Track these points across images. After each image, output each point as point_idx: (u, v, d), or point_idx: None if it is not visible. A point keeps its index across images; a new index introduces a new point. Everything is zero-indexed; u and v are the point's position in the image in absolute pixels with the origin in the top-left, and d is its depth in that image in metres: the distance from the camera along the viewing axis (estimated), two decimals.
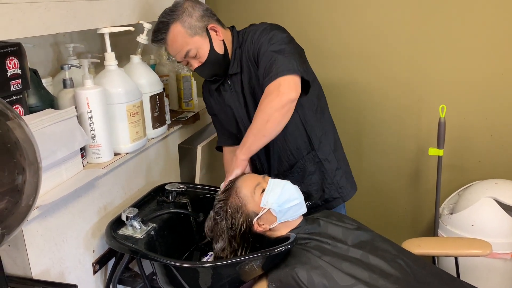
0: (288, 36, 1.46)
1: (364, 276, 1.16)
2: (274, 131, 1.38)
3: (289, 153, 1.58)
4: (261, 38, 1.44)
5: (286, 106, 1.34)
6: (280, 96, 1.33)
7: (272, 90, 1.35)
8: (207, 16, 1.48)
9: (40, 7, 1.18)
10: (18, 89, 1.17)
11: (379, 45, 2.15)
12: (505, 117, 2.05)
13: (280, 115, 1.35)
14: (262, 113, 1.35)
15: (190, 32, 1.45)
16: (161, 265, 1.23)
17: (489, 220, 1.89)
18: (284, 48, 1.40)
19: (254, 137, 1.39)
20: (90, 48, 1.73)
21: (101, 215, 1.40)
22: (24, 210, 0.92)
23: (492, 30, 1.97)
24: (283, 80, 1.34)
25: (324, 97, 1.64)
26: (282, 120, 1.36)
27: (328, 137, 1.61)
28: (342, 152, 1.68)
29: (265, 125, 1.36)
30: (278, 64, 1.37)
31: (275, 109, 1.33)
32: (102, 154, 1.39)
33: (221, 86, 1.59)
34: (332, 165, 1.59)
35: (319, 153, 1.57)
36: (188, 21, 1.44)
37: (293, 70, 1.36)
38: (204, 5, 1.50)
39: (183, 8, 1.45)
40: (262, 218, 1.30)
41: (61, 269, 1.25)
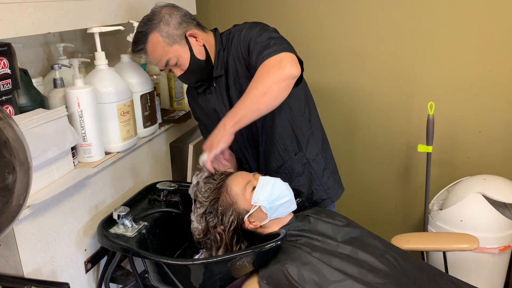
0: (276, 30, 1.44)
1: (353, 272, 1.17)
2: (270, 106, 1.31)
3: (277, 154, 1.57)
4: (250, 32, 1.41)
5: (287, 81, 1.28)
6: (282, 69, 1.27)
7: (274, 63, 1.29)
8: (186, 22, 1.45)
9: (29, 7, 1.18)
10: (8, 89, 1.17)
11: (368, 43, 2.17)
12: (493, 113, 2.08)
13: (278, 89, 1.28)
14: (260, 84, 1.28)
15: (168, 41, 1.42)
16: (153, 263, 1.24)
17: (477, 215, 1.91)
18: (276, 36, 1.39)
19: (247, 110, 1.30)
20: (80, 48, 1.73)
21: (92, 214, 1.41)
22: (15, 209, 0.93)
23: (479, 28, 2.00)
24: (285, 56, 1.30)
25: (311, 97, 1.63)
26: (280, 95, 1.30)
27: (315, 137, 1.59)
28: (329, 152, 1.67)
29: (262, 97, 1.28)
30: (275, 44, 1.33)
31: (275, 81, 1.27)
32: (93, 153, 1.39)
33: (206, 89, 1.57)
34: (320, 165, 1.59)
35: (307, 154, 1.56)
36: (166, 30, 1.41)
37: (290, 50, 1.33)
38: (182, 11, 1.47)
39: (160, 17, 1.42)
40: (253, 215, 1.31)
41: (53, 268, 1.25)
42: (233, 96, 1.51)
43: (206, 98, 1.58)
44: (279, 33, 1.44)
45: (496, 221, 1.90)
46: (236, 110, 1.33)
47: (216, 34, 1.53)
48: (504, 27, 1.97)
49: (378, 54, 2.17)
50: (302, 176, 1.58)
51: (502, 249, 1.91)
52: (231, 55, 1.47)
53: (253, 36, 1.40)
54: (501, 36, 1.98)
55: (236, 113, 1.32)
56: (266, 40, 1.36)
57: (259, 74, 1.31)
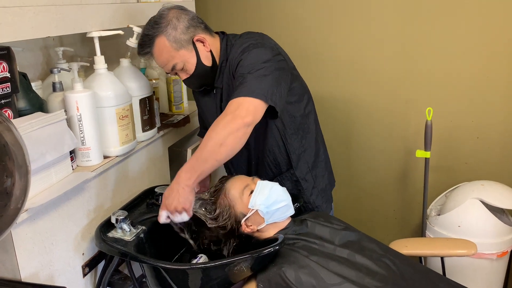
0: (270, 53, 1.37)
1: (351, 275, 1.18)
2: (228, 156, 1.28)
3: (268, 169, 1.57)
4: (241, 55, 1.38)
5: (241, 130, 1.25)
6: (235, 119, 1.24)
7: (229, 111, 1.27)
8: (193, 26, 1.43)
9: (29, 11, 1.18)
10: (7, 92, 1.18)
11: (366, 49, 2.18)
12: (491, 119, 2.09)
13: (234, 140, 1.25)
14: (215, 134, 1.25)
15: (176, 46, 1.40)
16: (151, 267, 1.24)
17: (475, 221, 1.92)
18: (257, 69, 1.32)
19: (205, 163, 1.26)
20: (80, 52, 1.73)
21: (90, 217, 1.41)
22: (13, 213, 0.92)
23: (478, 34, 2.01)
24: (243, 102, 1.27)
25: (313, 113, 1.59)
26: (237, 144, 1.27)
27: (307, 155, 1.57)
28: (322, 168, 1.62)
29: (219, 149, 1.25)
30: (244, 85, 1.30)
31: (228, 133, 1.24)
32: (91, 157, 1.39)
33: (206, 94, 1.58)
34: (309, 184, 1.57)
35: (296, 172, 1.55)
36: (173, 35, 1.39)
37: (257, 94, 1.27)
38: (190, 14, 1.45)
39: (167, 20, 1.40)
40: (250, 219, 1.31)
41: (51, 272, 1.25)
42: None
43: (202, 99, 1.61)
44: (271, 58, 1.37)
45: (494, 227, 1.90)
46: (193, 163, 1.29)
47: (223, 40, 1.50)
48: (502, 34, 1.98)
49: (376, 60, 2.18)
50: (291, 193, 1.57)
51: (500, 255, 1.91)
52: (227, 68, 1.46)
53: (241, 65, 1.37)
54: (499, 43, 1.99)
55: (196, 168, 1.28)
56: (245, 74, 1.32)
57: (217, 121, 1.28)
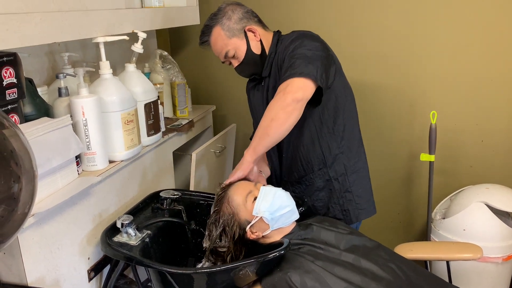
0: (317, 45, 1.45)
1: (356, 280, 1.17)
2: (279, 131, 1.35)
3: (299, 165, 1.58)
4: (290, 45, 1.46)
5: (291, 105, 1.31)
6: (285, 94, 1.32)
7: (280, 89, 1.36)
8: (246, 18, 1.55)
9: (35, 17, 1.19)
10: (14, 98, 1.19)
11: (371, 52, 2.18)
12: (495, 122, 2.08)
13: (285, 114, 1.32)
14: (268, 111, 1.36)
15: (229, 34, 1.53)
16: (156, 272, 1.24)
17: (480, 224, 1.91)
18: (306, 53, 1.40)
19: (260, 137, 1.37)
20: (85, 57, 1.74)
21: (96, 222, 1.41)
22: (20, 218, 0.93)
23: (482, 37, 2.01)
24: (292, 81, 1.34)
25: (352, 115, 1.61)
26: (287, 120, 1.33)
27: (344, 158, 1.56)
28: (360, 176, 1.61)
29: (270, 124, 1.34)
30: (294, 66, 1.37)
31: (279, 108, 1.32)
32: (97, 161, 1.40)
33: (256, 85, 1.65)
34: (342, 186, 1.56)
35: (330, 171, 1.55)
36: (227, 24, 1.53)
37: (306, 74, 1.34)
38: (244, 8, 1.58)
39: (224, 12, 1.54)
40: (254, 226, 1.31)
41: (56, 276, 1.25)
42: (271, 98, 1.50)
43: (253, 94, 1.69)
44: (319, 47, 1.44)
45: (499, 231, 1.89)
46: (253, 139, 1.42)
47: (275, 36, 1.59)
48: (507, 37, 1.97)
49: (380, 63, 2.18)
50: (322, 192, 1.58)
51: (506, 258, 1.90)
52: (275, 59, 1.54)
53: (289, 51, 1.45)
54: (503, 46, 1.99)
55: (252, 142, 1.41)
56: (294, 58, 1.40)
57: (270, 102, 1.38)
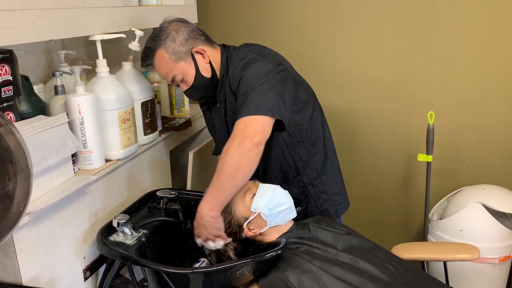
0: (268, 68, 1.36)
1: (353, 280, 1.17)
2: (245, 179, 1.30)
3: (273, 178, 1.58)
4: (243, 74, 1.37)
5: (252, 151, 1.26)
6: (243, 140, 1.25)
7: (237, 133, 1.27)
8: (193, 38, 1.44)
9: (32, 14, 1.18)
10: (10, 95, 1.18)
11: (368, 52, 2.18)
12: (493, 123, 2.09)
13: (248, 162, 1.27)
14: (230, 160, 1.26)
15: (174, 57, 1.42)
16: (152, 271, 1.24)
17: (477, 225, 1.91)
18: (260, 84, 1.32)
19: (227, 190, 1.29)
20: (82, 55, 1.73)
21: (92, 221, 1.40)
22: (15, 217, 0.92)
23: (479, 38, 2.01)
24: (248, 122, 1.27)
25: (320, 118, 1.59)
26: (252, 166, 1.28)
27: (315, 161, 1.56)
28: (333, 174, 1.61)
29: (236, 174, 1.27)
30: (248, 102, 1.30)
31: (240, 156, 1.25)
32: (93, 160, 1.39)
33: (211, 107, 1.60)
34: (317, 189, 1.58)
35: (304, 178, 1.56)
36: (172, 47, 1.41)
37: (262, 110, 1.27)
38: (190, 26, 1.46)
39: (167, 33, 1.42)
40: (252, 222, 1.31)
41: (52, 276, 1.25)
42: (229, 124, 1.52)
43: (209, 117, 1.65)
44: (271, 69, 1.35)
45: (496, 231, 1.89)
46: (215, 194, 1.30)
47: (223, 53, 1.49)
48: (504, 37, 1.98)
49: (378, 64, 2.18)
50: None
51: (502, 259, 1.90)
52: (228, 84, 1.46)
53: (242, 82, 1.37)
54: (501, 46, 1.99)
55: (217, 198, 1.30)
56: (247, 92, 1.32)
57: (227, 147, 1.28)
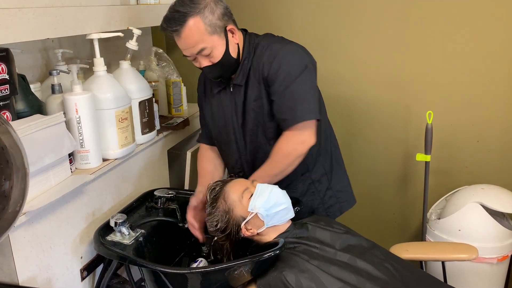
0: (300, 60, 1.43)
1: (351, 280, 1.17)
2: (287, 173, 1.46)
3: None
4: (274, 63, 1.40)
5: (304, 152, 1.42)
6: (303, 144, 1.40)
7: (295, 135, 1.40)
8: (227, 15, 1.40)
9: (28, 13, 1.17)
10: (6, 94, 1.17)
11: (366, 52, 2.17)
12: (491, 123, 2.08)
13: (299, 159, 1.43)
14: (286, 158, 1.42)
15: (210, 29, 1.34)
16: (150, 271, 1.23)
17: (475, 225, 1.91)
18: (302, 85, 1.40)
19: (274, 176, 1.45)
20: (79, 54, 1.73)
21: (89, 221, 1.40)
22: (11, 216, 0.92)
23: (478, 37, 2.01)
24: (305, 126, 1.39)
25: (325, 115, 1.62)
26: (299, 161, 1.44)
27: (323, 158, 1.59)
28: (338, 172, 1.66)
29: (287, 169, 1.44)
30: (299, 106, 1.39)
31: (297, 156, 1.42)
32: (90, 159, 1.38)
33: (222, 91, 1.53)
34: (323, 186, 1.60)
35: (312, 174, 1.57)
36: (210, 18, 1.34)
37: (314, 114, 1.40)
38: (224, 4, 1.41)
39: (206, 3, 1.34)
40: (249, 222, 1.30)
41: (48, 276, 1.24)
42: (252, 109, 1.48)
43: (220, 100, 1.54)
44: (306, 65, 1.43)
45: (494, 231, 1.89)
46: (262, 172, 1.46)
47: (246, 38, 1.48)
48: (502, 36, 1.97)
49: (376, 63, 2.17)
50: (305, 196, 1.58)
51: (500, 259, 1.90)
52: (254, 70, 1.45)
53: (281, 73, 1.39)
54: (499, 46, 1.99)
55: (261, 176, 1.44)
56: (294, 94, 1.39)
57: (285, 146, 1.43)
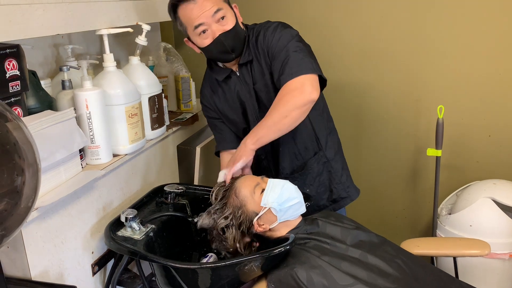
0: (298, 35, 1.46)
1: (363, 276, 1.16)
2: (289, 128, 1.38)
3: (297, 153, 1.58)
4: (275, 35, 1.43)
5: (307, 105, 1.35)
6: (303, 94, 1.33)
7: (295, 87, 1.35)
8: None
9: (39, 9, 1.18)
10: (17, 90, 1.17)
11: (377, 45, 2.16)
12: (503, 117, 2.06)
13: (299, 113, 1.35)
14: (282, 107, 1.35)
15: None
16: (160, 266, 1.23)
17: (487, 220, 1.89)
18: (300, 47, 1.40)
19: (268, 130, 1.38)
20: (89, 50, 1.73)
21: (100, 216, 1.40)
22: (23, 212, 0.92)
23: (490, 31, 1.98)
24: (306, 79, 1.35)
25: (324, 98, 1.65)
26: (300, 118, 1.37)
27: (333, 137, 1.63)
28: (343, 154, 1.70)
29: (282, 120, 1.35)
30: (298, 61, 1.37)
31: (296, 107, 1.34)
32: (101, 155, 1.39)
33: (228, 79, 1.55)
34: (338, 164, 1.62)
35: (326, 153, 1.59)
36: None
37: (314, 70, 1.37)
38: None
39: None
40: (262, 218, 1.30)
41: (60, 271, 1.25)
42: (259, 91, 1.51)
43: (228, 86, 1.56)
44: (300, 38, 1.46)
45: (506, 226, 1.87)
46: (258, 130, 1.40)
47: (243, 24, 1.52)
48: None
49: (387, 57, 2.16)
50: (322, 176, 1.59)
51: None
52: (256, 49, 1.48)
53: (278, 40, 1.42)
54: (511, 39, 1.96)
55: (257, 132, 1.39)
56: (292, 52, 1.38)
57: (281, 96, 1.36)
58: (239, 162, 1.40)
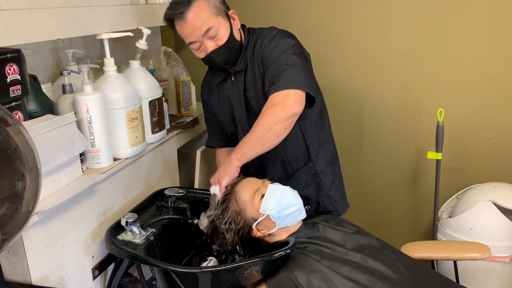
0: (297, 45, 1.45)
1: (363, 280, 1.16)
2: (273, 142, 1.37)
3: (287, 163, 1.58)
4: (271, 44, 1.43)
5: (289, 119, 1.34)
6: (285, 108, 1.33)
7: (278, 100, 1.34)
8: (226, 3, 1.46)
9: (39, 13, 1.18)
10: (18, 95, 1.18)
11: (378, 48, 2.16)
12: (503, 120, 2.06)
13: (282, 127, 1.34)
14: (264, 122, 1.34)
15: (215, 10, 1.40)
16: (161, 270, 1.23)
17: (488, 223, 1.89)
18: (294, 60, 1.39)
19: (252, 145, 1.37)
20: (89, 54, 1.73)
21: (100, 220, 1.40)
22: (24, 216, 0.92)
23: (490, 34, 1.98)
24: (290, 93, 1.34)
25: (326, 110, 1.64)
26: (283, 132, 1.36)
27: (325, 150, 1.61)
28: (338, 167, 1.68)
29: (265, 135, 1.35)
30: (287, 75, 1.36)
31: (278, 120, 1.33)
32: (101, 159, 1.39)
33: (224, 82, 1.56)
34: (328, 178, 1.60)
35: (316, 165, 1.57)
36: (212, 1, 1.40)
37: (301, 85, 1.36)
38: None
39: None
40: (261, 223, 1.30)
41: (61, 275, 1.25)
42: (250, 98, 1.52)
43: (223, 89, 1.58)
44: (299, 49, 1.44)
45: (507, 229, 1.87)
46: (242, 145, 1.39)
47: (244, 29, 1.54)
48: None
49: (387, 60, 2.16)
50: (310, 188, 1.58)
51: None
52: (252, 57, 1.48)
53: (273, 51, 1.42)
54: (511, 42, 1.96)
55: (242, 148, 1.39)
56: (284, 65, 1.38)
57: (265, 110, 1.36)
58: (224, 180, 1.39)
